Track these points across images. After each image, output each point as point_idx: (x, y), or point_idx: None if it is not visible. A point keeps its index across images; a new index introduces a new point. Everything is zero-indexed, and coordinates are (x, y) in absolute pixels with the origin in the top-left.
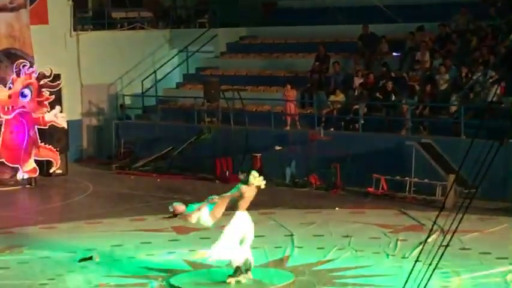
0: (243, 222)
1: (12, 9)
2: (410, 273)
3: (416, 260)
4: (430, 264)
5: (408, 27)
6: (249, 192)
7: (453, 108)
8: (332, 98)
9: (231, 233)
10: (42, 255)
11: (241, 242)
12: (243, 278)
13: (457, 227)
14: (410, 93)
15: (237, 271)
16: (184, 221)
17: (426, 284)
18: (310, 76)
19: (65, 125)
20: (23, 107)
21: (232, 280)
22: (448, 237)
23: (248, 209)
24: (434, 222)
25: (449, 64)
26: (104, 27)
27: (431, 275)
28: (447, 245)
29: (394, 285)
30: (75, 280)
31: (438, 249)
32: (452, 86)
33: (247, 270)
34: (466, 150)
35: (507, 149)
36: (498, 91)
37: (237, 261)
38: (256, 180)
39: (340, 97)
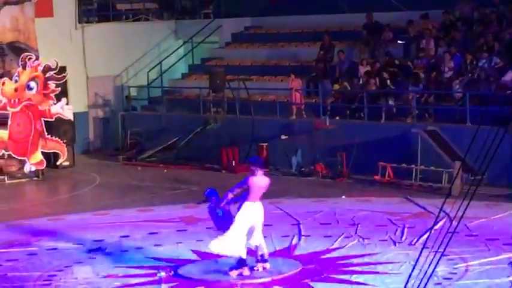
0: (250, 213)
1: (16, 3)
2: (417, 259)
3: (423, 247)
4: (437, 251)
5: (412, 15)
6: (258, 183)
7: (458, 95)
8: (335, 86)
9: (239, 225)
10: (50, 247)
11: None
12: (246, 271)
13: (463, 214)
14: (415, 81)
15: (241, 264)
16: None
17: (433, 271)
18: (315, 65)
19: (71, 117)
20: (29, 99)
21: (234, 273)
22: (455, 224)
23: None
24: (441, 209)
25: (453, 51)
26: (108, 19)
27: (438, 261)
28: (454, 232)
29: (401, 272)
30: (83, 271)
31: (445, 235)
32: (457, 73)
33: (260, 260)
34: (471, 137)
35: None
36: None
37: (240, 254)
38: None
39: (343, 86)
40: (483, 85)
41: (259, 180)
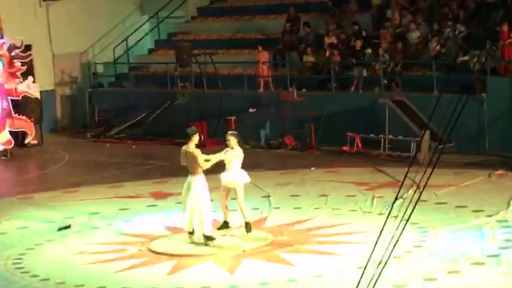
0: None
1: None
2: (383, 227)
3: (388, 215)
4: (402, 218)
5: None
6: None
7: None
8: (305, 58)
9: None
10: (20, 226)
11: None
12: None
13: (427, 181)
14: (377, 51)
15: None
16: None
17: (399, 238)
18: (281, 37)
19: (38, 96)
20: None
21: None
22: (423, 192)
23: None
24: (405, 177)
25: (419, 21)
26: None
27: (403, 228)
28: (418, 199)
29: (370, 241)
30: (54, 249)
31: (409, 203)
32: (422, 42)
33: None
34: (438, 106)
35: (480, 104)
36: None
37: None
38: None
39: (310, 57)
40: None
41: None
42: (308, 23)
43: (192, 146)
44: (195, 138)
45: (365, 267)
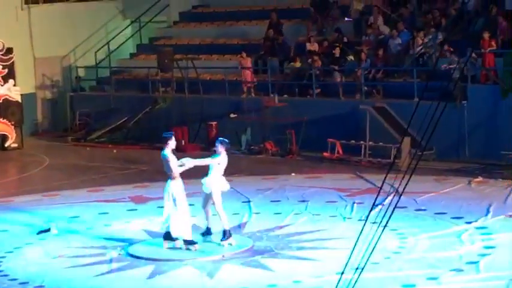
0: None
1: None
2: (361, 233)
3: (366, 221)
4: (380, 224)
5: None
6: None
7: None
8: (292, 64)
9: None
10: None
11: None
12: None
13: (404, 188)
14: (359, 58)
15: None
16: None
17: (376, 244)
18: (263, 43)
19: (19, 99)
20: None
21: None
22: (404, 198)
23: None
24: (383, 183)
25: (401, 28)
26: (55, 0)
27: (381, 234)
28: (396, 206)
29: (350, 247)
30: (33, 252)
31: (387, 209)
32: (404, 49)
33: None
34: (418, 112)
35: (460, 111)
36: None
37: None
38: None
39: (298, 64)
40: (430, 61)
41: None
42: (281, 30)
43: (167, 151)
44: (171, 143)
45: (342, 273)
